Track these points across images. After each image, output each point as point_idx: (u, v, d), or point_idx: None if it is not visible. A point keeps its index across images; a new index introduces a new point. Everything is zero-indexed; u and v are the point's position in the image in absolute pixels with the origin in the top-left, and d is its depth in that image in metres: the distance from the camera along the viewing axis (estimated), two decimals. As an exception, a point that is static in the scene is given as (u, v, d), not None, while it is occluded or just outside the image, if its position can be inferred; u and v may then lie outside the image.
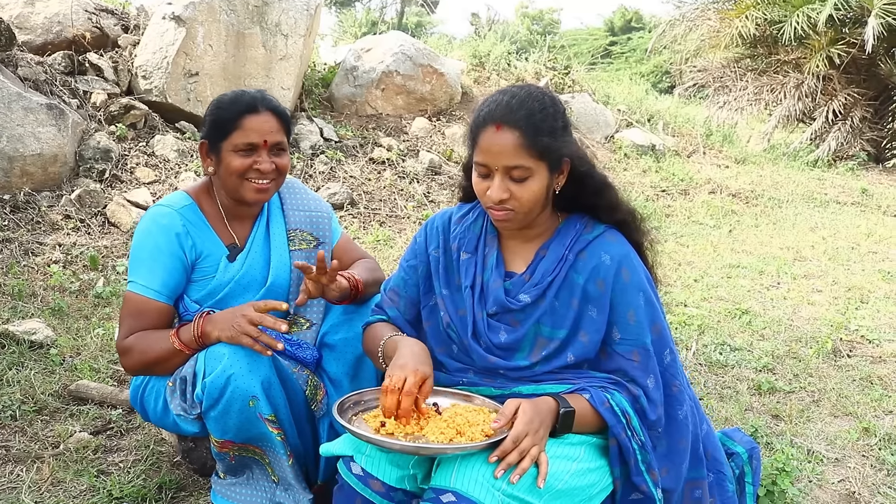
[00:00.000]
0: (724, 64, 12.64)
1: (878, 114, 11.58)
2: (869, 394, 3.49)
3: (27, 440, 2.73)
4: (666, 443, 1.92)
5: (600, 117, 10.00)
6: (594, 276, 1.89)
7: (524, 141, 1.78)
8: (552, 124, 1.83)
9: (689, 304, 4.81)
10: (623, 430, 1.81)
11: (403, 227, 6.32)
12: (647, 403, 1.87)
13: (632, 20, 34.60)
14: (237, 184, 2.26)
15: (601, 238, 1.93)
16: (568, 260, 1.91)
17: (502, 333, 1.93)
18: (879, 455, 2.91)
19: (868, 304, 4.95)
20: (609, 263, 1.88)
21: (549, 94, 1.89)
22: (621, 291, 1.88)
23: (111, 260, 4.69)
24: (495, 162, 1.81)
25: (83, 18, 6.49)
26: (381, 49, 8.45)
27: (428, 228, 2.14)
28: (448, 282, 2.05)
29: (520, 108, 1.81)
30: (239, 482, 2.25)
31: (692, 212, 8.00)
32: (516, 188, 1.82)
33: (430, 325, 2.07)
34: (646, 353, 1.88)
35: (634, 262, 1.92)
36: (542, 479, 1.66)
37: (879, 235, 7.19)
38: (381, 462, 1.80)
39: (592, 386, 1.85)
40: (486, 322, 1.96)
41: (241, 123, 2.22)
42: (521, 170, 1.80)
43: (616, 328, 1.89)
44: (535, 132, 1.79)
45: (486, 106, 1.86)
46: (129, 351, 2.19)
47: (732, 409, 3.27)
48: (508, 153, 1.79)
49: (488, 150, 1.81)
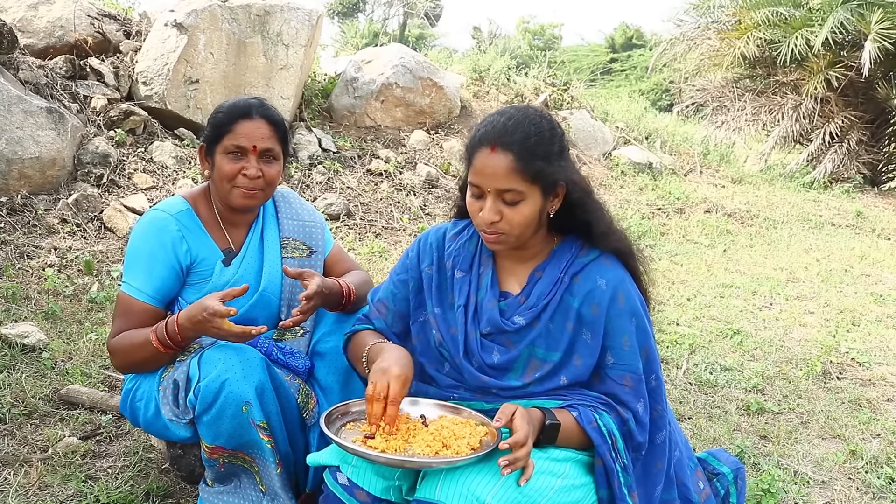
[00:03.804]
0: (723, 84, 12.72)
1: (875, 137, 11.65)
2: (857, 416, 3.50)
3: (16, 443, 2.73)
4: (642, 465, 1.93)
5: (598, 134, 10.04)
6: (589, 300, 1.88)
7: (518, 164, 1.78)
8: (547, 148, 1.82)
9: (681, 323, 4.83)
10: (608, 451, 1.82)
11: (399, 239, 6.33)
12: (636, 426, 1.88)
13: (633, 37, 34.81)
14: (227, 188, 2.29)
15: (597, 261, 1.92)
16: (563, 283, 1.91)
17: (495, 354, 1.93)
18: (866, 478, 2.92)
19: (859, 327, 4.97)
20: (605, 288, 1.88)
21: (547, 118, 1.88)
22: (616, 317, 1.88)
23: (106, 265, 4.70)
24: (488, 184, 1.81)
25: (85, 23, 6.52)
26: (382, 61, 8.49)
27: (421, 244, 2.13)
28: (441, 300, 2.04)
29: (515, 130, 1.80)
30: (227, 490, 2.25)
31: (687, 230, 8.02)
32: (508, 211, 1.82)
33: (421, 340, 2.08)
34: (637, 379, 1.89)
35: (629, 286, 1.92)
36: (524, 479, 1.67)
37: (873, 258, 7.22)
38: (367, 473, 1.82)
39: (582, 404, 1.86)
40: (480, 342, 1.95)
41: (233, 127, 2.26)
42: (513, 193, 1.80)
43: (610, 353, 1.89)
44: (529, 156, 1.79)
45: (482, 126, 1.86)
46: (114, 352, 2.24)
47: (720, 428, 3.28)
48: (501, 176, 1.79)
49: (482, 172, 1.81)
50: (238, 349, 2.12)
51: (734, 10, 11.88)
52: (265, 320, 2.41)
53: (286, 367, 2.31)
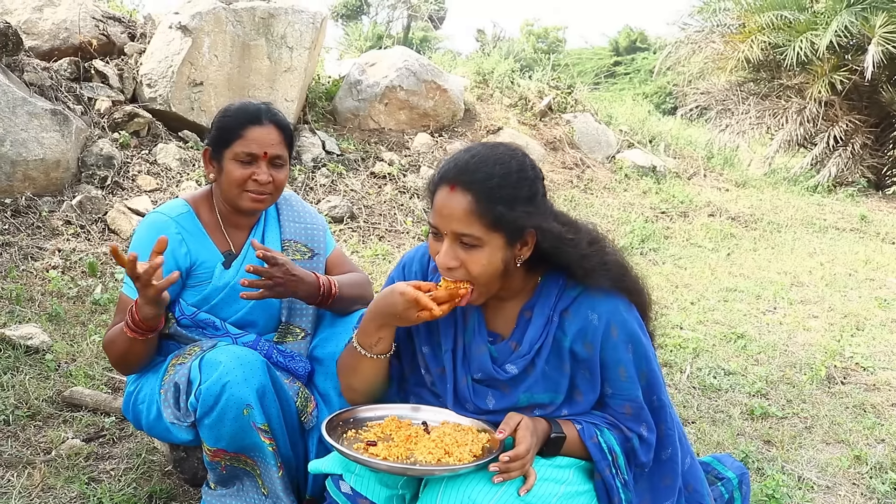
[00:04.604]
0: (727, 87, 12.72)
1: (879, 141, 11.64)
2: (861, 421, 3.49)
3: (19, 445, 2.73)
4: (647, 481, 1.90)
5: (602, 137, 10.04)
6: (581, 339, 1.79)
7: (476, 207, 1.65)
8: (512, 192, 1.67)
9: (684, 327, 4.82)
10: (608, 468, 1.80)
11: (402, 242, 6.33)
12: (640, 445, 1.85)
13: (636, 41, 34.81)
14: (236, 193, 2.29)
15: (586, 293, 1.80)
16: (553, 322, 1.81)
17: (490, 399, 1.86)
18: (870, 483, 2.91)
19: (864, 332, 4.96)
20: (597, 324, 1.78)
21: (518, 158, 1.73)
22: (612, 350, 1.79)
23: (110, 267, 4.70)
24: (445, 225, 1.69)
25: (90, 25, 6.54)
26: (386, 64, 8.50)
27: (405, 270, 2.02)
28: (429, 339, 1.94)
29: (477, 169, 1.68)
30: (229, 493, 2.25)
31: (691, 234, 8.02)
32: (465, 256, 1.69)
33: (414, 375, 2.00)
34: (638, 406, 1.84)
35: (623, 314, 1.80)
36: (525, 489, 1.66)
37: (877, 262, 7.20)
38: (370, 481, 1.80)
39: (586, 421, 1.84)
40: (472, 387, 1.87)
41: (243, 133, 2.26)
42: (470, 237, 1.67)
43: (608, 384, 1.84)
44: (488, 198, 1.65)
45: (445, 163, 1.74)
46: (105, 347, 2.27)
47: (724, 433, 3.28)
48: (458, 218, 1.66)
49: (439, 212, 1.69)
50: (239, 352, 2.12)
51: (738, 14, 11.88)
52: (266, 322, 2.41)
53: (286, 370, 2.32)
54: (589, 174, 9.19)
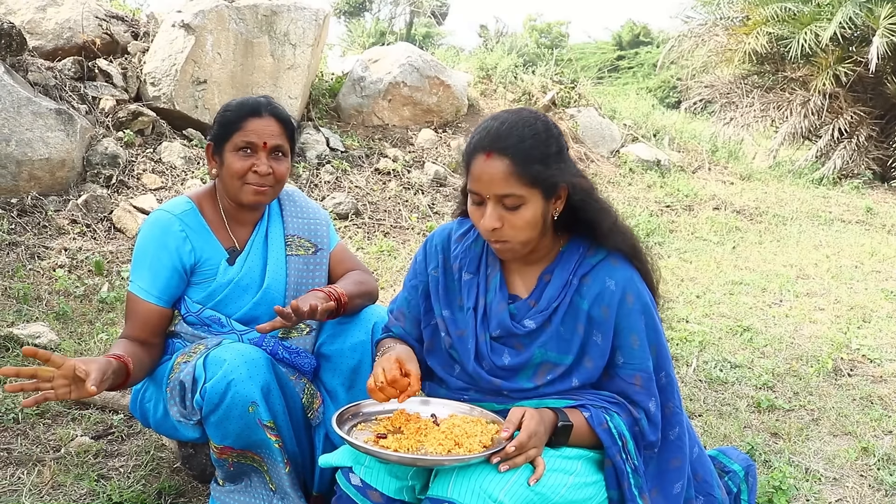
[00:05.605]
0: (731, 80, 12.68)
1: (884, 132, 11.58)
2: (869, 413, 3.49)
3: (29, 443, 2.75)
4: (656, 463, 1.93)
5: (606, 132, 10.03)
6: (599, 302, 1.87)
7: (515, 168, 1.76)
8: (544, 150, 1.80)
9: (690, 321, 4.81)
10: (618, 453, 1.83)
11: (407, 238, 6.34)
12: (648, 425, 1.88)
13: (640, 34, 34.69)
14: (237, 186, 2.30)
15: (605, 262, 1.91)
16: (572, 285, 1.90)
17: (506, 356, 1.93)
18: (878, 475, 2.91)
19: (870, 324, 4.95)
20: (614, 289, 1.87)
21: (542, 119, 1.86)
22: (626, 316, 1.87)
23: (116, 265, 4.71)
24: (487, 190, 1.79)
25: (94, 25, 6.55)
26: (389, 60, 8.50)
27: (427, 247, 2.13)
28: (449, 302, 2.04)
29: (509, 134, 1.78)
30: (237, 489, 2.26)
31: (696, 227, 8.00)
32: (509, 216, 1.80)
33: (432, 344, 2.08)
34: (648, 377, 1.88)
35: (638, 285, 1.90)
36: (534, 479, 1.69)
37: (883, 254, 7.18)
38: (380, 473, 1.82)
39: (594, 405, 1.86)
40: (490, 344, 1.95)
41: (243, 125, 2.27)
42: (513, 198, 1.78)
43: (619, 353, 1.89)
44: (525, 159, 1.77)
45: (477, 133, 1.84)
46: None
47: (731, 426, 3.27)
48: (499, 181, 1.77)
49: (479, 179, 1.79)
50: (243, 350, 2.12)
51: (742, 6, 11.84)
52: (269, 318, 2.41)
53: (292, 367, 2.32)
54: (593, 168, 9.19)
